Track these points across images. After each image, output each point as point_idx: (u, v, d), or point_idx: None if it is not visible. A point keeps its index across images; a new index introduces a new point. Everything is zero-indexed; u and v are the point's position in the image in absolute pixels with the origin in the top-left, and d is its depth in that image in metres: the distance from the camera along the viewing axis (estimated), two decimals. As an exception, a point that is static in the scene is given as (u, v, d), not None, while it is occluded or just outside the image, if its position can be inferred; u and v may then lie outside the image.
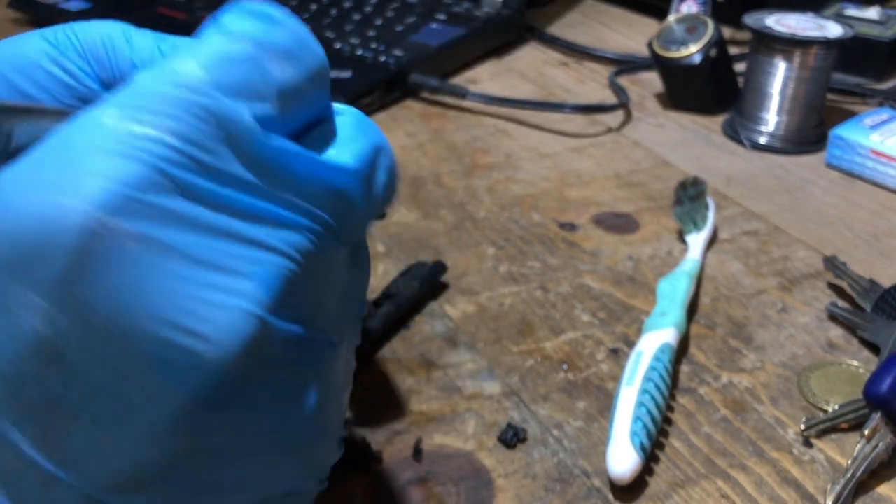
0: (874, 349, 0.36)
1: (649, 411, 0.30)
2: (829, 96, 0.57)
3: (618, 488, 0.29)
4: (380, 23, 0.67)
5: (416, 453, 0.30)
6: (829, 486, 0.29)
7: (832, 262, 0.40)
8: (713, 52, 0.57)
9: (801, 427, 0.32)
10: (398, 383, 0.34)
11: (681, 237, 0.44)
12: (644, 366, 0.32)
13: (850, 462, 0.29)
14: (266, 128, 0.17)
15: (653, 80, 0.63)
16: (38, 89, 0.21)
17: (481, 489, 0.29)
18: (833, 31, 0.52)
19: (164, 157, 0.15)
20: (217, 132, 0.16)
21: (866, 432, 0.30)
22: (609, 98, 0.61)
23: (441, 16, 0.68)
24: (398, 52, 0.62)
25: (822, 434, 0.31)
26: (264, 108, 0.17)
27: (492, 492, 0.29)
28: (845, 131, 0.51)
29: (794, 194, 0.49)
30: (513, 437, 0.31)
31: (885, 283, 0.39)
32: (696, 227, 0.43)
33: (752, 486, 0.29)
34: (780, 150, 0.54)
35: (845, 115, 0.55)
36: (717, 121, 0.58)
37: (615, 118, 0.58)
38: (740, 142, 0.55)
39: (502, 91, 0.61)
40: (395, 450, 0.30)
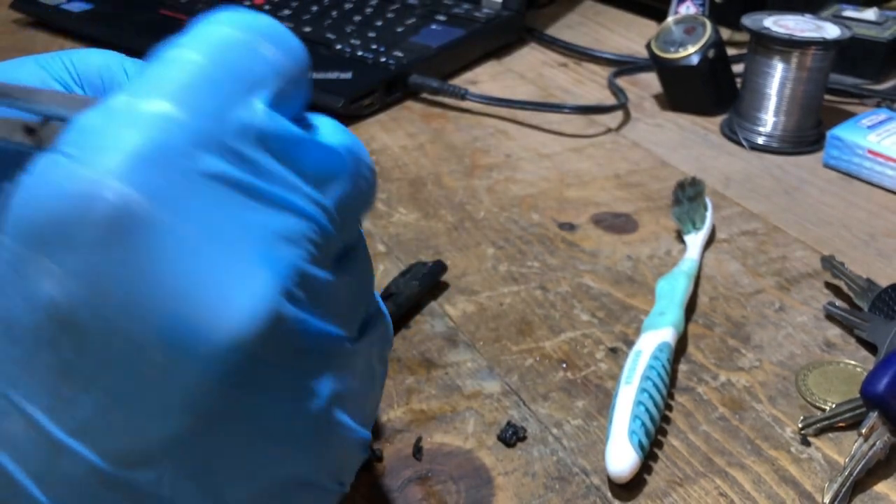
0: (871, 348, 0.36)
1: (648, 410, 0.30)
2: (827, 97, 0.57)
3: (616, 486, 0.29)
4: (380, 24, 0.67)
5: (417, 451, 0.30)
6: (826, 485, 0.29)
7: (830, 262, 0.40)
8: (711, 53, 0.57)
9: (799, 426, 0.32)
10: (398, 382, 0.34)
11: (679, 237, 0.44)
12: (643, 365, 0.32)
13: (847, 460, 0.30)
14: (271, 115, 0.17)
15: (651, 80, 0.63)
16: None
17: (481, 487, 0.29)
18: (831, 32, 0.52)
19: (186, 138, 0.16)
20: (227, 113, 0.16)
21: (863, 431, 0.30)
22: (608, 99, 0.61)
23: (441, 17, 0.69)
24: (398, 53, 0.62)
25: (819, 433, 0.32)
26: (264, 90, 0.17)
27: (491, 490, 0.29)
28: (843, 132, 0.51)
29: (791, 194, 0.49)
30: (512, 436, 0.31)
31: (883, 282, 0.39)
32: (695, 227, 0.43)
33: (750, 485, 0.29)
34: (778, 150, 0.54)
35: (843, 116, 0.56)
36: (716, 121, 0.59)
37: (614, 119, 0.58)
38: (738, 142, 0.55)
39: (502, 92, 0.62)
40: (395, 448, 0.30)
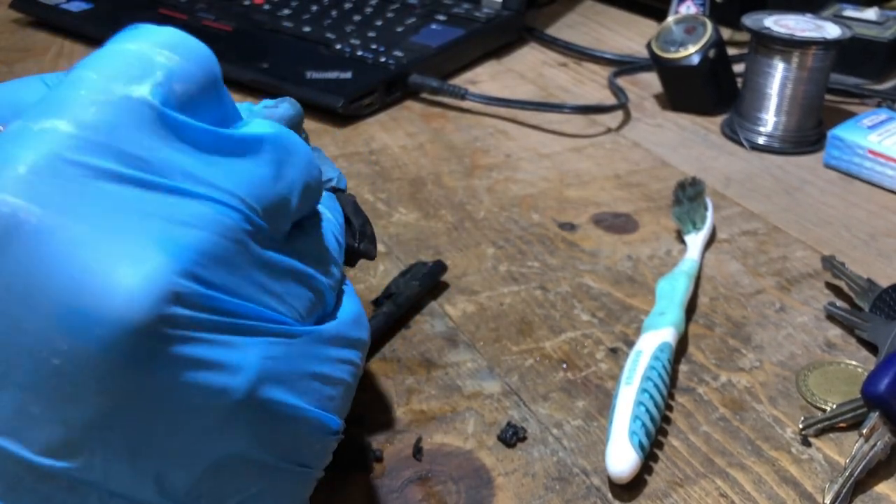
0: (872, 349, 0.36)
1: (648, 410, 0.30)
2: (828, 97, 0.57)
3: (617, 487, 0.29)
4: (380, 24, 0.67)
5: (417, 452, 0.30)
6: (827, 485, 0.29)
7: (830, 262, 0.40)
8: (712, 53, 0.57)
9: (800, 426, 0.32)
10: (398, 382, 0.34)
11: (680, 237, 0.44)
12: (643, 365, 0.32)
13: (848, 461, 0.29)
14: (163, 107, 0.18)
15: (652, 80, 0.63)
16: None
17: (481, 488, 0.29)
18: (831, 31, 0.52)
19: (74, 147, 0.17)
20: (115, 118, 0.18)
21: (864, 431, 0.30)
22: (608, 99, 0.61)
23: (441, 17, 0.69)
24: (398, 52, 0.62)
25: (820, 433, 0.32)
26: (156, 87, 0.18)
27: (491, 490, 0.29)
28: (843, 132, 0.51)
29: (792, 194, 0.49)
30: (512, 436, 0.31)
31: (883, 282, 0.39)
32: (695, 227, 0.43)
33: (751, 485, 0.29)
34: (778, 150, 0.54)
35: (843, 116, 0.56)
36: (716, 121, 0.58)
37: (614, 119, 0.58)
38: (739, 142, 0.55)
39: (502, 92, 0.62)
40: (395, 448, 0.30)
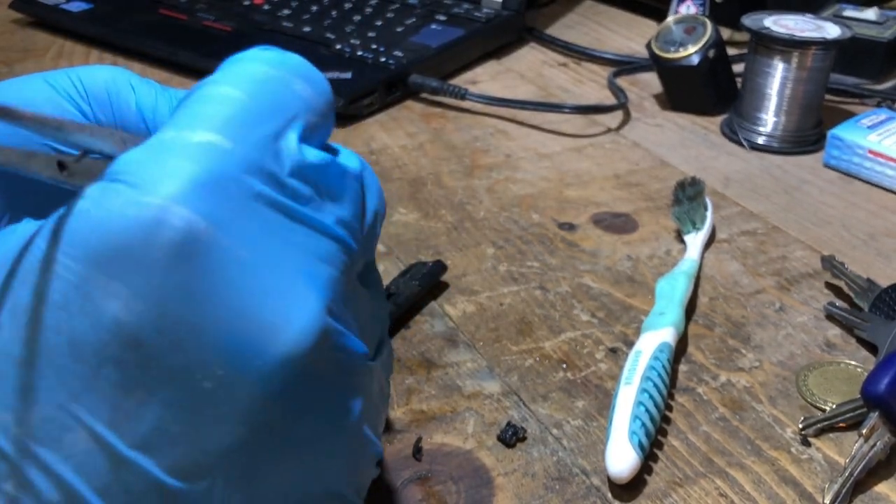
0: (872, 349, 0.36)
1: (648, 410, 0.30)
2: (827, 97, 0.57)
3: (617, 487, 0.29)
4: (380, 24, 0.67)
5: (416, 452, 0.30)
6: (827, 485, 0.29)
7: (830, 262, 0.40)
8: (711, 53, 0.57)
9: (800, 426, 0.32)
10: (398, 382, 0.34)
11: (679, 237, 0.44)
12: (643, 365, 0.32)
13: (847, 461, 0.29)
14: (304, 146, 0.18)
15: (651, 80, 0.63)
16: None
17: (481, 488, 0.29)
18: (831, 31, 0.52)
19: (238, 166, 0.17)
20: (268, 144, 0.17)
21: (864, 431, 0.30)
22: (608, 99, 0.61)
23: (441, 17, 0.69)
24: (398, 52, 0.62)
25: (820, 433, 0.32)
26: (298, 122, 0.18)
27: (491, 490, 0.29)
28: (843, 132, 0.51)
29: (792, 194, 0.49)
30: (512, 436, 0.31)
31: (883, 282, 0.39)
32: (695, 227, 0.43)
33: (751, 485, 0.29)
34: (778, 150, 0.54)
35: (843, 116, 0.56)
36: (716, 121, 0.58)
37: (614, 119, 0.58)
38: (739, 142, 0.55)
39: (502, 92, 0.62)
40: (395, 448, 0.30)
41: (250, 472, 0.17)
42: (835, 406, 0.32)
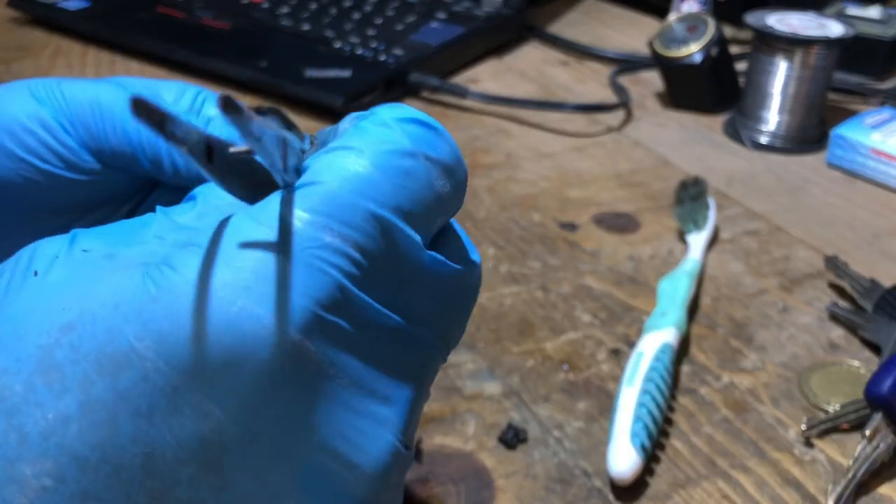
0: (875, 349, 0.36)
1: (650, 412, 0.30)
2: (831, 96, 0.57)
3: (618, 489, 0.29)
4: (380, 22, 0.67)
5: (417, 453, 0.30)
6: (830, 487, 0.29)
7: (833, 262, 0.40)
8: (714, 52, 0.57)
9: (803, 427, 0.31)
10: (398, 383, 0.34)
11: (681, 237, 0.44)
12: (645, 366, 0.32)
13: (851, 462, 0.29)
14: (424, 245, 0.17)
15: (653, 79, 0.63)
16: (26, 152, 0.20)
17: (481, 489, 0.29)
18: (834, 30, 0.52)
19: (347, 273, 0.15)
20: (389, 249, 0.16)
21: (867, 433, 0.30)
22: (610, 97, 0.61)
23: (441, 15, 0.68)
24: (398, 51, 0.62)
25: (823, 434, 0.31)
26: (427, 224, 0.17)
27: (492, 492, 0.29)
28: (846, 131, 0.51)
29: (795, 194, 0.49)
30: (513, 438, 0.31)
31: (887, 282, 0.38)
32: (697, 226, 0.43)
33: (754, 487, 0.29)
34: (781, 149, 0.54)
35: (846, 115, 0.55)
36: (718, 120, 0.58)
37: (616, 118, 0.58)
38: (741, 141, 0.55)
39: (503, 90, 0.61)
40: (395, 450, 0.30)
41: None
42: (838, 407, 0.32)
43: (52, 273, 0.16)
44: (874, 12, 0.65)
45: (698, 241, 0.42)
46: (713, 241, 0.44)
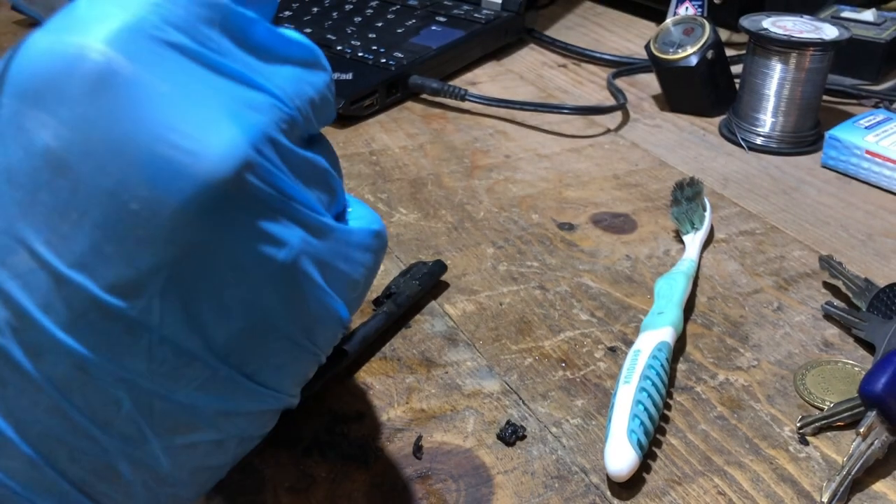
0: (869, 348, 0.36)
1: (647, 409, 0.30)
2: (825, 98, 0.57)
3: (616, 485, 0.29)
4: (380, 25, 0.67)
5: (417, 450, 0.30)
6: (825, 484, 0.29)
7: (828, 262, 0.40)
8: (710, 54, 0.57)
9: (797, 425, 0.32)
10: (398, 381, 0.34)
11: (678, 237, 0.44)
12: (641, 364, 0.32)
13: (845, 459, 0.30)
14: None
15: (650, 81, 0.64)
16: None
17: (480, 486, 0.29)
18: (829, 33, 0.53)
19: (165, 17, 0.18)
20: (194, 4, 0.19)
21: (862, 430, 0.30)
22: (607, 99, 0.62)
23: (441, 18, 0.69)
24: (399, 54, 0.62)
25: (817, 432, 0.32)
26: None
27: (491, 489, 0.29)
28: (841, 132, 0.51)
29: (790, 195, 0.50)
30: (512, 435, 0.31)
31: (881, 282, 0.39)
32: (693, 227, 0.43)
33: (749, 484, 0.30)
34: (776, 150, 0.55)
35: (841, 117, 0.56)
36: (714, 122, 0.59)
37: (613, 119, 0.59)
38: (737, 143, 0.55)
39: (501, 93, 0.62)
40: (395, 447, 0.31)
41: (185, 294, 0.19)
42: (832, 405, 0.32)
43: None
44: (869, 15, 0.65)
45: (694, 241, 0.42)
46: (709, 240, 0.44)
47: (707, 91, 0.59)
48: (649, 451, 0.31)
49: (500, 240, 0.44)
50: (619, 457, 0.29)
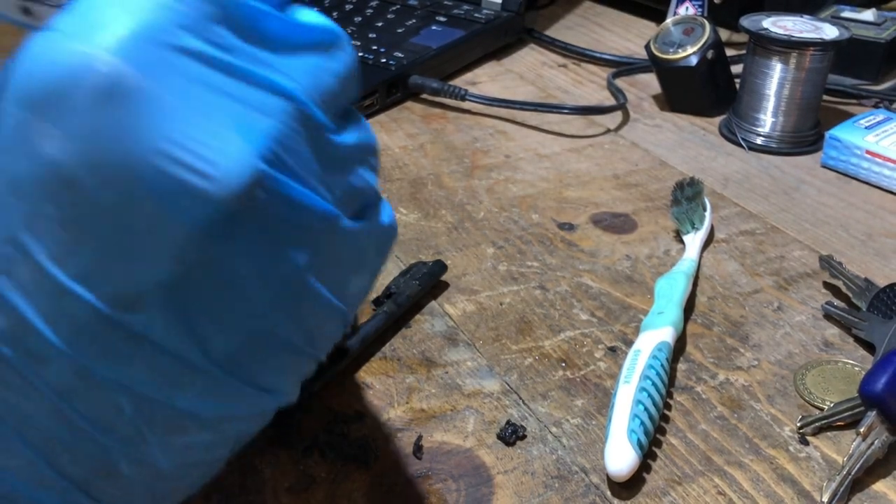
0: (869, 348, 0.36)
1: (647, 409, 0.30)
2: (825, 98, 0.57)
3: (616, 485, 0.29)
4: (380, 25, 0.67)
5: (417, 450, 0.30)
6: (825, 484, 0.29)
7: (828, 262, 0.40)
8: (710, 54, 0.57)
9: (798, 425, 0.32)
10: (399, 381, 0.34)
11: (678, 237, 0.44)
12: (642, 364, 0.32)
13: (845, 459, 0.30)
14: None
15: (650, 81, 0.64)
16: None
17: (481, 486, 0.29)
18: (829, 33, 0.53)
19: (171, 20, 0.18)
20: (205, 2, 0.18)
21: (862, 430, 0.30)
22: (607, 99, 0.62)
23: (441, 18, 0.69)
24: (399, 54, 0.62)
25: (818, 432, 0.32)
26: None
27: (491, 488, 0.29)
28: (841, 132, 0.51)
29: (790, 195, 0.50)
30: (512, 435, 0.31)
31: (881, 282, 0.39)
32: (693, 226, 0.43)
33: (749, 483, 0.30)
34: (776, 150, 0.55)
35: (841, 117, 0.56)
36: (714, 122, 0.59)
37: (613, 119, 0.59)
38: (737, 143, 0.55)
39: (501, 92, 0.62)
40: (395, 446, 0.31)
41: (186, 307, 0.18)
42: (833, 405, 0.32)
43: None
44: (869, 15, 0.65)
45: (695, 240, 0.42)
46: (709, 240, 0.44)
47: (707, 91, 0.59)
48: (649, 451, 0.31)
49: (500, 240, 0.44)
50: (619, 457, 0.29)
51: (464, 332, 0.37)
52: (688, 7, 0.69)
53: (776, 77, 0.53)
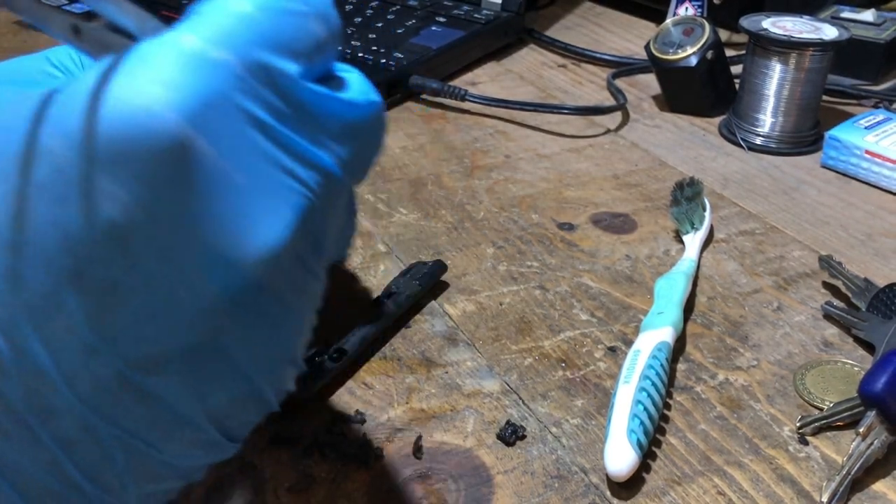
0: (869, 348, 0.36)
1: (646, 409, 0.30)
2: (825, 98, 0.58)
3: (615, 485, 0.29)
4: (380, 25, 0.68)
5: (417, 450, 0.30)
6: (824, 484, 0.29)
7: (827, 262, 0.40)
8: (710, 55, 0.57)
9: (797, 425, 0.32)
10: (399, 381, 0.34)
11: (678, 237, 0.44)
12: (641, 364, 0.32)
13: (845, 459, 0.30)
14: (303, 77, 0.19)
15: (650, 81, 0.64)
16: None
17: (480, 486, 0.29)
18: (829, 33, 0.53)
19: (234, 84, 0.17)
20: (269, 75, 0.18)
21: (861, 430, 0.30)
22: (607, 100, 0.62)
23: (441, 18, 0.69)
24: (399, 54, 0.62)
25: (817, 432, 0.32)
26: (304, 60, 0.19)
27: (491, 488, 0.29)
28: (840, 132, 0.52)
29: (789, 195, 0.50)
30: (511, 435, 0.31)
31: (880, 282, 0.39)
32: (693, 226, 0.43)
33: (749, 483, 0.30)
34: (775, 151, 0.55)
35: (841, 117, 0.56)
36: (714, 122, 0.59)
37: (613, 119, 0.59)
38: (737, 143, 0.55)
39: (501, 93, 0.62)
40: (395, 446, 0.31)
41: (199, 370, 0.19)
42: (832, 405, 0.32)
43: None
44: (868, 15, 0.65)
45: (694, 240, 0.43)
46: (709, 241, 0.44)
47: (707, 91, 0.59)
48: (649, 450, 0.31)
49: (500, 240, 0.44)
50: (619, 457, 0.29)
51: (464, 332, 0.37)
52: (687, 7, 0.69)
53: (776, 77, 0.53)
